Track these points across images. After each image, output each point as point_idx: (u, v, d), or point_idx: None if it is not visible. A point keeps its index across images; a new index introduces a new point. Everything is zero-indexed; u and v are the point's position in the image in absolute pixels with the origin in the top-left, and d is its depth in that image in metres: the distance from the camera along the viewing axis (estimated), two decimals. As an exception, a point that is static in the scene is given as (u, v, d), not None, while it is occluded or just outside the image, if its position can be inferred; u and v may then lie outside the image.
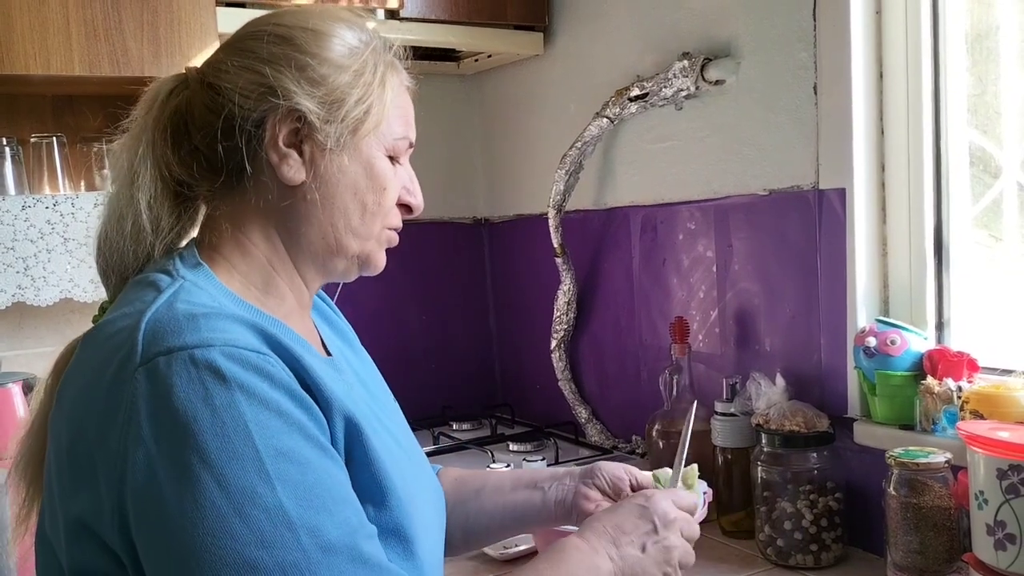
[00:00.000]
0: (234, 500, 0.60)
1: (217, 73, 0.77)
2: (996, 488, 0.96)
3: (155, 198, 0.77)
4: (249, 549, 0.60)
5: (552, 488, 0.97)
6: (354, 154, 0.78)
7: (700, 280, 1.62)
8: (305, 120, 0.76)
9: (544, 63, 1.95)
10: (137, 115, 0.80)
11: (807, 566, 1.29)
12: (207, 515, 0.60)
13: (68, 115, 1.64)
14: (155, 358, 0.63)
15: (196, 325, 0.65)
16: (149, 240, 0.77)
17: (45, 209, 1.47)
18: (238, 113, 0.75)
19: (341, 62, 0.77)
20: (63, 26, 1.38)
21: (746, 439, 1.40)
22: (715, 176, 1.57)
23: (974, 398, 1.14)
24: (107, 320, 0.71)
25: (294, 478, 0.63)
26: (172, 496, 0.60)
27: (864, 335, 1.28)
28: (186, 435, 0.61)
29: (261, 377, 0.65)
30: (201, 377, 0.62)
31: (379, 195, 0.81)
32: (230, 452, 0.61)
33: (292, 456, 0.64)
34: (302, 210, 0.78)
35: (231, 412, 0.62)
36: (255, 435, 0.62)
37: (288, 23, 0.78)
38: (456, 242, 2.17)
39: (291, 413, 0.65)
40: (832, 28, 1.33)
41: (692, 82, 1.52)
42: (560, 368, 1.91)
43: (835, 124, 1.34)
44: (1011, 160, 1.27)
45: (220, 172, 0.77)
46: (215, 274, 0.76)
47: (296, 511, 0.62)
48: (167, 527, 0.60)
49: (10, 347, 1.59)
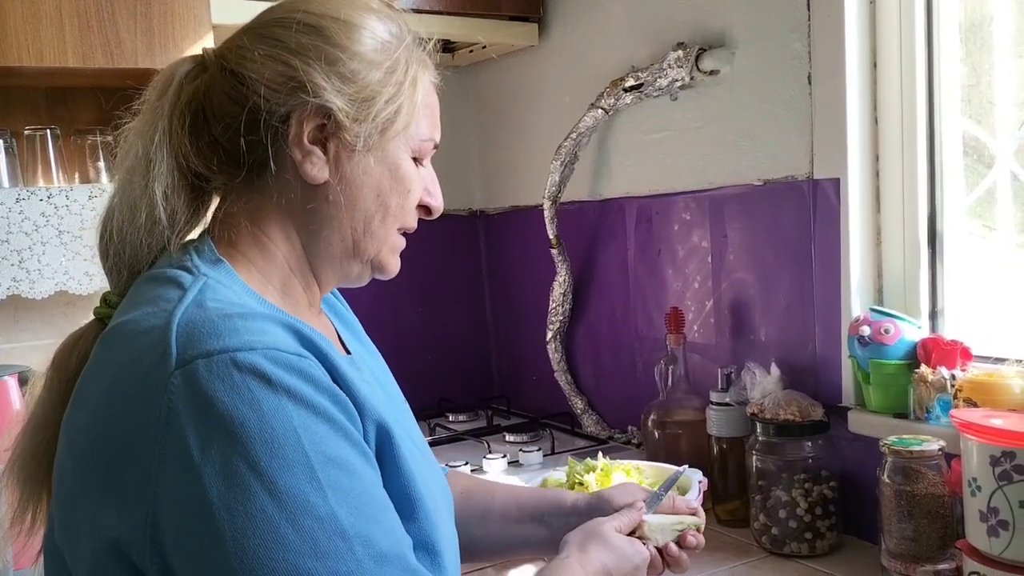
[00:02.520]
0: (287, 509, 0.58)
1: (241, 60, 0.72)
2: (989, 475, 0.97)
3: (172, 188, 0.72)
4: (303, 560, 0.58)
5: (558, 525, 0.93)
6: (380, 155, 0.75)
7: (695, 270, 1.63)
8: (332, 118, 0.72)
9: (539, 54, 1.95)
10: (150, 98, 0.75)
11: (802, 554, 1.29)
12: (259, 525, 0.57)
13: (62, 107, 1.64)
14: (193, 361, 0.60)
15: (234, 326, 0.62)
16: (165, 234, 0.73)
17: (39, 201, 1.47)
18: (263, 106, 0.71)
19: (372, 58, 0.74)
20: (56, 17, 1.37)
21: (741, 428, 1.40)
22: (710, 166, 1.57)
23: (967, 386, 1.15)
24: (130, 318, 0.67)
25: (344, 486, 0.61)
26: (220, 506, 0.57)
27: (858, 324, 1.28)
28: (233, 442, 0.58)
29: (305, 381, 0.62)
30: (246, 382, 0.59)
31: (403, 198, 0.78)
32: (281, 460, 0.59)
33: (341, 463, 0.62)
34: (324, 211, 0.74)
35: (280, 417, 0.59)
36: (305, 442, 0.60)
37: (318, 11, 0.74)
38: (452, 234, 2.17)
39: (336, 418, 0.63)
40: (826, 18, 1.33)
41: (687, 72, 1.52)
42: (556, 359, 1.91)
43: (829, 114, 1.34)
44: (1004, 150, 1.27)
45: (241, 166, 0.73)
46: (236, 271, 0.73)
47: (348, 520, 0.60)
48: (214, 539, 0.58)
49: (5, 340, 1.59)
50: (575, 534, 0.87)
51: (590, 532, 0.86)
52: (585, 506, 0.95)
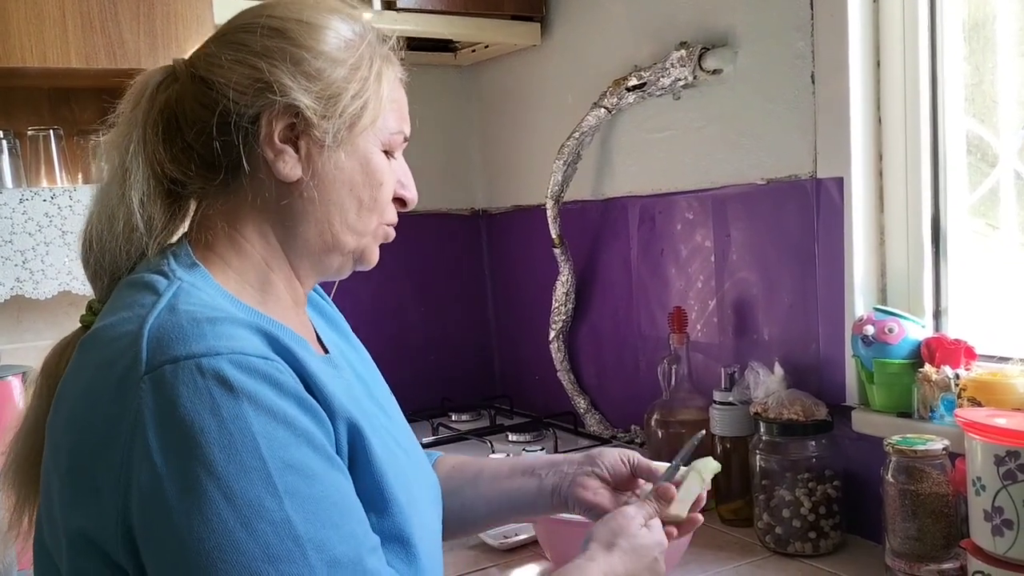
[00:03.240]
0: (241, 514, 0.60)
1: (209, 67, 0.75)
2: (993, 474, 0.97)
3: (148, 196, 0.75)
4: (256, 563, 0.59)
5: (549, 476, 0.96)
6: (351, 150, 0.77)
7: (698, 270, 1.63)
8: (301, 116, 0.74)
9: (541, 54, 1.94)
10: (124, 109, 0.77)
11: (805, 554, 1.29)
12: (214, 529, 0.59)
13: (65, 108, 1.64)
14: (161, 367, 0.62)
15: (201, 332, 0.64)
16: (144, 240, 0.75)
17: (43, 202, 1.47)
18: (233, 109, 0.73)
19: (336, 55, 0.76)
20: (59, 18, 1.37)
21: (744, 428, 1.40)
22: (713, 166, 1.57)
23: (971, 385, 1.14)
24: (105, 324, 0.69)
25: (301, 491, 0.62)
26: (179, 509, 0.59)
27: (862, 323, 1.28)
28: (193, 447, 0.60)
29: (269, 385, 0.64)
30: (208, 387, 0.61)
31: (375, 190, 0.80)
32: (237, 465, 0.60)
33: (299, 469, 0.63)
34: (298, 207, 0.76)
35: (238, 424, 0.61)
36: (263, 447, 0.61)
37: (281, 15, 0.76)
38: (454, 234, 2.17)
39: (299, 422, 0.64)
40: (829, 17, 1.33)
41: (690, 72, 1.52)
42: (559, 359, 1.91)
43: (833, 113, 1.34)
44: (1008, 148, 1.27)
45: (215, 169, 0.75)
46: (211, 274, 0.74)
47: (303, 526, 0.61)
48: (174, 541, 0.60)
49: (9, 340, 1.59)
50: (602, 531, 0.86)
51: (617, 530, 0.86)
52: (578, 459, 0.98)
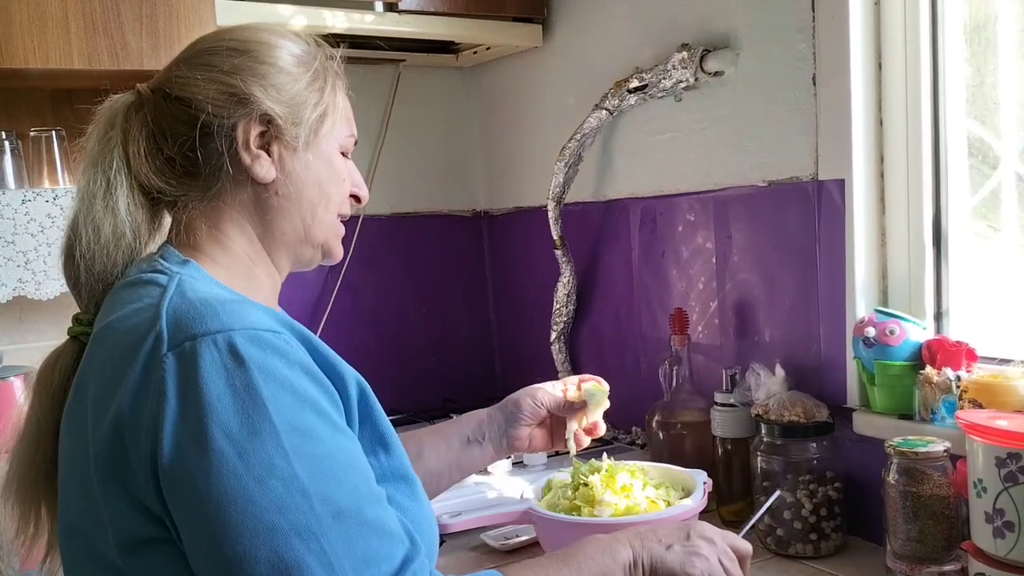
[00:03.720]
0: (254, 471, 0.66)
1: (184, 87, 0.82)
2: (995, 476, 0.97)
3: (133, 205, 0.83)
4: (268, 515, 0.66)
5: (487, 440, 1.09)
6: (316, 152, 0.87)
7: (699, 271, 1.63)
8: (273, 123, 0.83)
9: (543, 55, 1.95)
10: (96, 134, 0.85)
11: (807, 555, 1.29)
12: (230, 485, 0.66)
13: (67, 109, 1.64)
14: (182, 344, 0.69)
15: (215, 311, 0.71)
16: (132, 246, 0.83)
17: (45, 203, 1.48)
18: (213, 122, 0.81)
19: (294, 71, 0.85)
20: (62, 19, 1.38)
21: (746, 429, 1.41)
22: (714, 167, 1.57)
23: (973, 387, 1.15)
24: (117, 317, 0.75)
25: (306, 451, 0.68)
26: (198, 468, 0.66)
27: (863, 325, 1.28)
28: (211, 413, 0.67)
29: (279, 357, 0.70)
30: (223, 360, 0.68)
31: (339, 186, 0.90)
32: (250, 428, 0.67)
33: (304, 431, 0.69)
34: (274, 204, 0.85)
35: (250, 392, 0.68)
36: (272, 412, 0.68)
37: (241, 37, 0.85)
38: (456, 235, 2.17)
39: (305, 390, 0.71)
40: (831, 19, 1.33)
41: (691, 73, 1.52)
42: (560, 360, 1.91)
43: (834, 115, 1.34)
44: (1009, 150, 1.27)
45: (196, 176, 0.83)
46: (203, 268, 0.82)
47: (309, 481, 0.68)
48: (195, 496, 0.66)
49: (11, 341, 1.59)
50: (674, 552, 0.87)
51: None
52: (500, 416, 1.11)
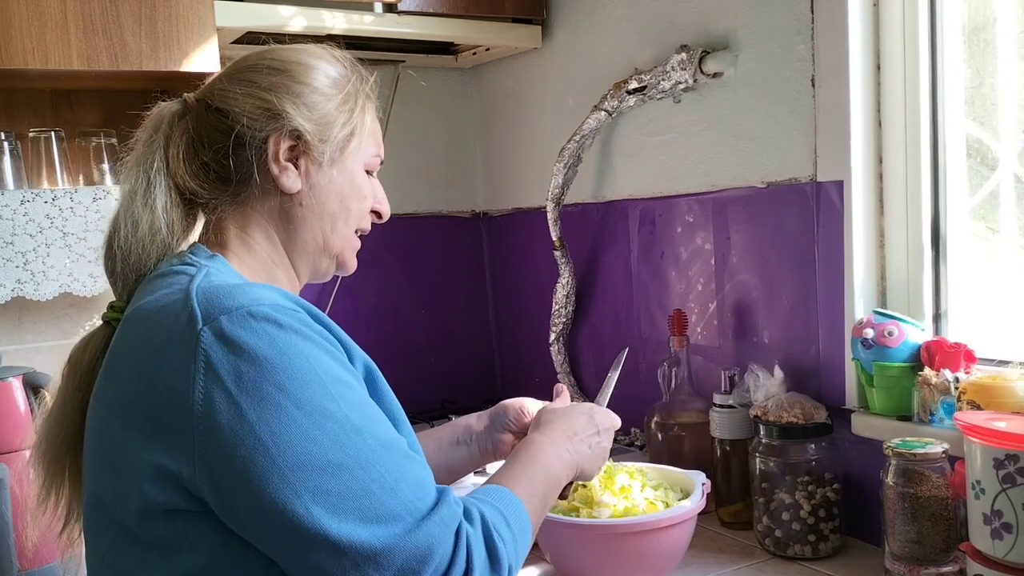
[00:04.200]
0: (312, 416, 0.73)
1: (224, 99, 0.89)
2: (993, 478, 0.97)
3: (170, 203, 0.89)
4: (330, 451, 0.73)
5: (474, 442, 1.14)
6: (341, 168, 0.92)
7: (698, 273, 1.63)
8: (302, 139, 0.89)
9: (542, 56, 1.95)
10: (142, 136, 0.91)
11: (805, 556, 1.29)
12: (292, 431, 0.72)
13: (66, 109, 1.64)
14: (217, 318, 0.74)
15: (243, 291, 0.77)
16: (166, 241, 0.88)
17: (44, 204, 1.48)
18: (247, 133, 0.88)
19: (328, 91, 0.91)
20: (61, 20, 1.38)
21: (744, 431, 1.41)
22: (713, 169, 1.57)
23: (971, 389, 1.15)
24: (148, 301, 0.81)
25: (349, 396, 0.76)
26: (260, 422, 0.72)
27: (862, 327, 1.28)
28: (262, 372, 0.73)
29: (304, 324, 0.77)
30: (261, 326, 0.74)
31: (360, 202, 0.95)
32: (300, 381, 0.74)
33: (343, 380, 0.77)
34: (298, 214, 0.91)
35: (292, 350, 0.74)
36: (315, 365, 0.75)
37: (281, 58, 0.91)
38: (455, 236, 2.17)
39: (333, 349, 0.79)
40: (830, 20, 1.33)
41: (690, 75, 1.52)
42: (559, 361, 1.91)
43: (833, 117, 1.34)
44: (1008, 152, 1.27)
45: (228, 183, 0.89)
46: (229, 264, 0.88)
47: (358, 420, 0.76)
48: (259, 448, 0.72)
49: (9, 342, 1.59)
50: (563, 422, 1.02)
51: (578, 428, 1.03)
52: (488, 420, 1.14)
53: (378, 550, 0.72)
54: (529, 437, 1.01)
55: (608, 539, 1.17)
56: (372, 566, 0.72)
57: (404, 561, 0.73)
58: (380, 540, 0.73)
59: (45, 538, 0.98)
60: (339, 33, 1.67)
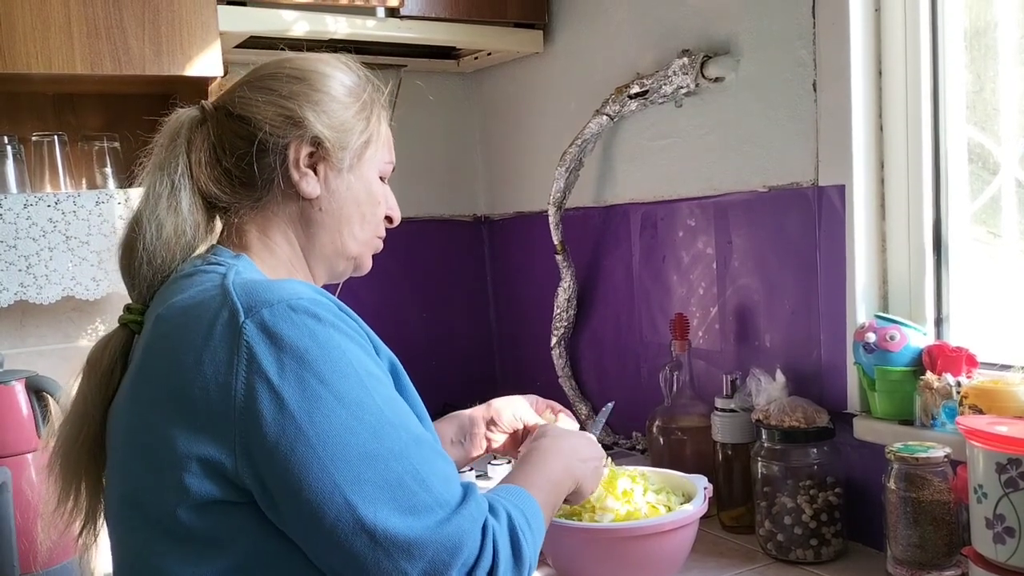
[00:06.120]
0: (350, 408, 0.76)
1: (245, 106, 0.91)
2: (995, 482, 0.97)
3: (193, 207, 0.91)
4: (367, 442, 0.75)
5: (467, 441, 1.19)
6: (358, 175, 0.95)
7: (700, 277, 1.63)
8: (321, 145, 0.91)
9: (544, 61, 1.95)
10: (161, 141, 0.93)
11: (807, 561, 1.29)
12: (332, 422, 0.75)
13: (69, 113, 1.65)
14: (259, 311, 0.76)
15: (279, 286, 0.80)
16: (190, 243, 0.91)
17: (47, 207, 1.48)
18: (269, 140, 0.90)
19: (345, 100, 0.94)
20: (64, 24, 1.38)
21: (746, 435, 1.41)
22: (715, 173, 1.57)
23: (973, 393, 1.15)
24: (180, 299, 0.82)
25: (382, 391, 0.79)
26: (302, 412, 0.74)
27: (863, 331, 1.28)
28: (302, 364, 0.75)
29: (339, 319, 0.80)
30: (302, 320, 0.77)
31: (375, 207, 0.98)
32: (339, 374, 0.76)
33: (376, 375, 0.80)
34: (316, 218, 0.94)
35: (331, 343, 0.77)
36: (352, 360, 0.78)
37: (300, 66, 0.94)
38: (456, 240, 2.18)
39: (366, 345, 0.81)
40: (831, 25, 1.33)
41: (692, 79, 1.53)
42: (560, 365, 1.91)
43: (834, 121, 1.34)
44: (1009, 156, 1.27)
45: (251, 187, 0.91)
46: (253, 263, 0.90)
47: (391, 414, 0.78)
48: (300, 437, 0.74)
49: (12, 345, 1.59)
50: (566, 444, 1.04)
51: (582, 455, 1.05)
52: (480, 419, 1.19)
53: (412, 541, 0.74)
54: (538, 444, 1.03)
55: (610, 543, 1.17)
56: (404, 556, 0.74)
57: (435, 553, 0.75)
58: (414, 531, 0.74)
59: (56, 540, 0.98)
60: (341, 37, 1.67)
